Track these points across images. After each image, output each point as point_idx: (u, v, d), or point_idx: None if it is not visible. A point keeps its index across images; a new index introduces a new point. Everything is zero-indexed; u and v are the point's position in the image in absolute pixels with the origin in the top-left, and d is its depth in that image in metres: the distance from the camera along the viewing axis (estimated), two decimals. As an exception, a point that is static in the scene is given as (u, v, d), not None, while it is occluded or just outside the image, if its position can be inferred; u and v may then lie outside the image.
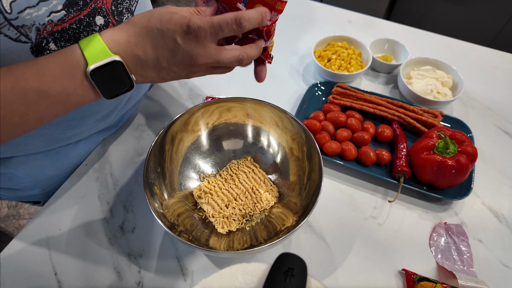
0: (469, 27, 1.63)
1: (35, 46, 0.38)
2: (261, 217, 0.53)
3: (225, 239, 0.50)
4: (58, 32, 0.39)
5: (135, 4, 0.48)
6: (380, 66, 0.77)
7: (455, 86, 0.73)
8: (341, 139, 0.64)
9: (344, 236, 0.54)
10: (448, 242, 0.54)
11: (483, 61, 0.83)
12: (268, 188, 0.55)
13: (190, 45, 0.35)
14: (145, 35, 0.35)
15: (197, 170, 0.57)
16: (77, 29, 0.40)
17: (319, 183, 0.47)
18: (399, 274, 0.51)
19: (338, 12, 0.94)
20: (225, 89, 0.75)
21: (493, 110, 0.73)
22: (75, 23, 0.40)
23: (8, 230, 1.29)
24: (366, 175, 0.62)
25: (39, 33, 0.37)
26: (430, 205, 0.58)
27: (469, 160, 0.55)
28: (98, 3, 0.42)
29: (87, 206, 0.56)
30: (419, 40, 0.87)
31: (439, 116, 0.66)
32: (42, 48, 0.38)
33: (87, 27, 0.41)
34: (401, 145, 0.62)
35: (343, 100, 0.69)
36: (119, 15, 0.45)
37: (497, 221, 0.57)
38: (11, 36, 0.35)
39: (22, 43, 0.36)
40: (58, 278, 0.49)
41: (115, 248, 0.52)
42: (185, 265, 0.51)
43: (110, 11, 0.44)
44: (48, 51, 0.39)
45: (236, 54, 0.38)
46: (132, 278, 0.50)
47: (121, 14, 0.45)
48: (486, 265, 0.52)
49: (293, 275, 0.33)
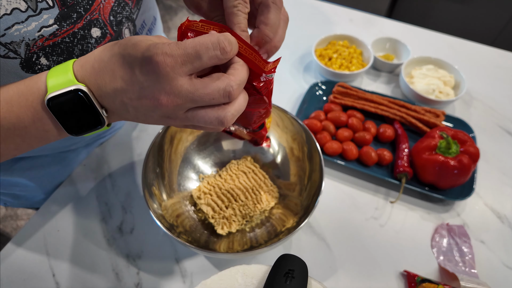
0: (471, 26, 1.62)
1: (25, 61, 0.36)
2: (261, 218, 0.53)
3: (225, 240, 0.49)
4: (50, 46, 0.37)
5: (136, 12, 0.46)
6: (382, 65, 0.77)
7: (457, 86, 0.72)
8: (342, 139, 0.63)
9: (345, 237, 0.54)
10: (450, 244, 0.53)
11: (485, 60, 0.82)
12: (268, 188, 0.55)
13: (150, 78, 0.26)
14: (107, 61, 0.28)
15: (196, 171, 0.57)
16: (71, 42, 0.39)
17: (319, 183, 0.47)
18: (401, 275, 0.50)
19: (339, 11, 0.94)
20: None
21: (496, 109, 0.72)
22: (68, 37, 0.38)
23: (5, 231, 1.29)
24: (367, 175, 0.61)
25: (29, 49, 0.35)
26: (432, 206, 0.58)
27: (471, 160, 0.54)
28: (94, 15, 0.40)
29: (85, 207, 0.56)
30: (421, 39, 0.86)
31: (441, 116, 0.65)
32: (33, 63, 0.37)
33: (82, 40, 0.40)
34: (403, 145, 0.61)
35: (344, 100, 0.68)
36: (118, 25, 0.43)
37: (500, 222, 0.56)
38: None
39: (10, 59, 0.35)
40: (56, 279, 0.49)
41: (113, 250, 0.52)
42: (184, 266, 0.50)
43: (108, 22, 0.42)
44: (39, 65, 0.37)
45: (220, 86, 0.27)
46: (130, 279, 0.49)
47: (120, 23, 0.43)
48: (488, 266, 0.51)
49: (293, 277, 0.33)
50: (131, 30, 0.47)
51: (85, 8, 0.38)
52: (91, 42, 0.41)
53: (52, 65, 0.39)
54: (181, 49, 0.25)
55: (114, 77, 0.28)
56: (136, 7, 0.46)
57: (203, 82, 0.27)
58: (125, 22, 0.44)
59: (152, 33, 0.54)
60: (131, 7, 0.45)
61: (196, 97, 0.27)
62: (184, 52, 0.25)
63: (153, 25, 0.53)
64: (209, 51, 0.26)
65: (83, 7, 0.38)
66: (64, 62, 0.30)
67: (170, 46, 0.25)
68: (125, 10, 0.44)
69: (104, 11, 0.41)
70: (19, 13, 0.33)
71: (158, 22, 0.57)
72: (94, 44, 0.41)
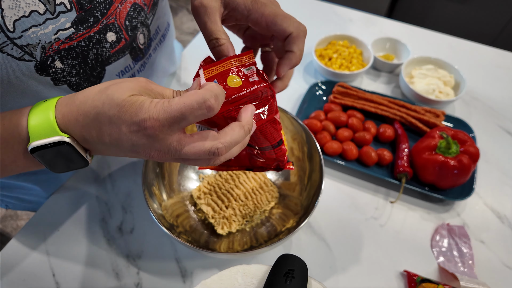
0: (471, 26, 1.62)
1: (40, 64, 0.36)
2: (261, 218, 0.53)
3: (225, 240, 0.49)
4: (65, 50, 0.37)
5: (151, 17, 0.46)
6: (382, 65, 0.77)
7: (457, 86, 0.72)
8: (342, 139, 0.63)
9: (345, 237, 0.54)
10: (450, 244, 0.53)
11: (485, 60, 0.82)
12: (269, 188, 0.55)
13: (140, 138, 0.27)
14: (92, 118, 0.28)
15: (196, 171, 0.57)
16: (86, 46, 0.39)
17: (319, 183, 0.47)
18: (401, 275, 0.50)
19: (339, 11, 0.94)
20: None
21: (496, 109, 0.72)
22: (83, 41, 0.38)
23: (6, 231, 1.28)
24: (367, 175, 0.61)
25: (45, 51, 0.35)
26: (432, 206, 0.58)
27: (471, 160, 0.54)
28: (111, 19, 0.40)
29: (85, 206, 0.56)
30: (421, 39, 0.86)
31: (441, 116, 0.65)
32: (48, 66, 0.37)
33: (97, 44, 0.40)
34: (403, 145, 0.61)
35: (344, 100, 0.68)
36: (133, 30, 0.43)
37: (500, 222, 0.56)
38: (15, 55, 0.34)
39: (26, 62, 0.35)
40: (56, 279, 0.49)
41: (113, 249, 0.52)
42: (184, 266, 0.50)
43: (123, 27, 0.42)
44: (53, 69, 0.37)
45: (206, 147, 0.28)
46: (130, 279, 0.49)
47: (135, 29, 0.43)
48: (488, 266, 0.51)
49: (293, 277, 0.33)
50: (145, 35, 0.47)
51: (102, 12, 0.38)
52: (106, 47, 0.41)
53: (66, 68, 0.39)
54: (167, 113, 0.26)
55: (101, 133, 0.28)
56: (152, 12, 0.46)
57: (191, 140, 0.28)
58: (140, 27, 0.44)
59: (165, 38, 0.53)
60: (146, 12, 0.45)
61: (183, 154, 0.28)
62: (170, 115, 0.26)
63: (166, 31, 0.53)
64: (194, 112, 0.26)
65: (100, 11, 0.38)
66: (45, 103, 0.29)
67: (156, 109, 0.26)
68: (140, 15, 0.44)
69: (120, 15, 0.41)
70: (37, 16, 0.33)
71: (172, 28, 0.57)
72: (109, 49, 0.41)
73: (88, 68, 0.41)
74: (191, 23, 2.16)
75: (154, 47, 0.50)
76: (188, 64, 0.78)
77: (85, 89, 0.30)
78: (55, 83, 0.39)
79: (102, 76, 0.43)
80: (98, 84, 0.30)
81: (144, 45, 0.47)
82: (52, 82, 0.39)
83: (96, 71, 0.42)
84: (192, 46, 0.83)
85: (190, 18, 2.18)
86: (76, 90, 0.41)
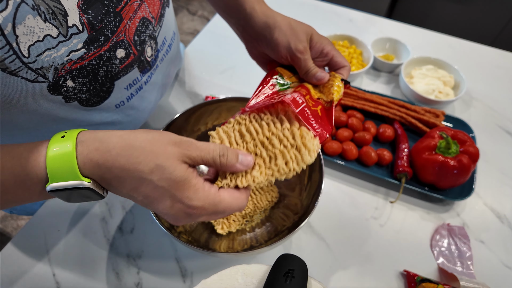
0: (471, 26, 1.62)
1: (52, 85, 0.36)
2: (261, 217, 0.53)
3: (225, 240, 0.50)
4: (77, 69, 0.37)
5: (158, 29, 0.46)
6: (382, 65, 0.77)
7: (457, 86, 0.72)
8: (342, 139, 0.63)
9: (345, 237, 0.54)
10: (450, 244, 0.53)
11: (485, 61, 0.82)
12: (268, 188, 0.55)
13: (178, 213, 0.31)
14: (133, 177, 0.29)
15: (196, 170, 0.57)
16: (96, 64, 0.39)
17: (319, 183, 0.47)
18: (401, 275, 0.50)
19: (339, 11, 0.94)
20: (225, 89, 0.74)
21: (495, 110, 0.72)
22: (94, 59, 0.38)
23: (6, 231, 1.28)
24: (367, 175, 0.61)
25: (57, 73, 0.36)
26: (431, 206, 0.58)
27: (471, 160, 0.55)
28: (120, 36, 0.40)
29: (86, 206, 0.56)
30: (420, 39, 0.86)
31: (441, 116, 0.65)
32: (60, 86, 0.37)
33: (107, 61, 0.40)
34: (403, 145, 0.61)
35: (344, 100, 0.68)
36: (141, 44, 0.44)
37: (499, 222, 0.56)
38: (28, 78, 0.34)
39: (39, 83, 0.35)
40: (56, 279, 0.49)
41: (113, 249, 0.52)
42: (185, 266, 0.50)
43: (132, 42, 0.42)
44: (65, 88, 0.38)
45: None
46: (131, 279, 0.49)
47: (143, 43, 0.44)
48: (487, 266, 0.51)
49: (293, 277, 0.33)
50: (153, 47, 0.47)
51: (112, 30, 0.39)
52: (116, 63, 0.41)
53: (77, 86, 0.39)
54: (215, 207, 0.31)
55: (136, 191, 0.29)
56: (159, 24, 0.47)
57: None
58: (147, 40, 0.45)
59: (172, 48, 0.54)
60: (154, 25, 0.45)
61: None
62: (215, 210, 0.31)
63: (172, 40, 0.54)
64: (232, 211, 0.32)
65: (110, 30, 0.38)
66: (63, 142, 0.28)
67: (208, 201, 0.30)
68: (148, 29, 0.44)
69: (129, 31, 0.41)
70: (50, 39, 0.33)
71: (177, 36, 0.57)
72: (118, 65, 0.42)
73: (98, 85, 0.41)
74: (191, 23, 2.16)
75: (161, 57, 0.50)
76: (188, 64, 0.78)
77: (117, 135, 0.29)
78: (66, 100, 0.39)
79: (111, 91, 0.44)
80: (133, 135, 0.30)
81: (152, 57, 0.48)
82: (64, 100, 0.39)
83: (106, 87, 0.42)
84: (192, 46, 0.83)
85: (190, 18, 2.18)
86: (86, 105, 0.42)
